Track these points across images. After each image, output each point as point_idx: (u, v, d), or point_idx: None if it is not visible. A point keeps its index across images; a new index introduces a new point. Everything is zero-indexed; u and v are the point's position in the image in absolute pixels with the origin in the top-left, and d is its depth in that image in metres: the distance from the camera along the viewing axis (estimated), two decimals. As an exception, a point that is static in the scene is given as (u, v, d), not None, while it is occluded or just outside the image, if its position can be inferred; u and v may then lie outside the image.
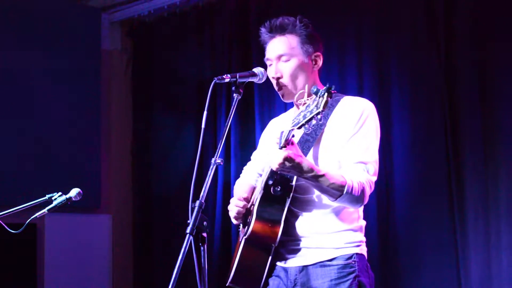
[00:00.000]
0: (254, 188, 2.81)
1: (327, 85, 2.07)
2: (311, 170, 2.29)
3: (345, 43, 4.64)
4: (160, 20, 5.85)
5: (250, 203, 2.65)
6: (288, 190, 2.45)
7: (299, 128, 2.16)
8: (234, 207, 2.59)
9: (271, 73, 2.58)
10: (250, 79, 2.53)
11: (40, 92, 5.36)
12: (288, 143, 2.25)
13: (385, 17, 4.50)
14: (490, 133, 4.01)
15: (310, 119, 2.12)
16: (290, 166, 2.25)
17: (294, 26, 2.59)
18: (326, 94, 2.07)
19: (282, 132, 2.27)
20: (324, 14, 4.75)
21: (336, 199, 2.38)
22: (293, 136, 2.26)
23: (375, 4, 4.55)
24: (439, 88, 4.19)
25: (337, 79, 4.59)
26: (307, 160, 2.31)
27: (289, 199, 2.46)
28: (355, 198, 2.40)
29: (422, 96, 4.30)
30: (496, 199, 3.95)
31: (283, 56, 2.56)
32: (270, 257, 2.51)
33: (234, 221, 2.64)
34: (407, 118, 4.32)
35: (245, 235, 2.49)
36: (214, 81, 2.42)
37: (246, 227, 2.54)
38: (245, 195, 2.64)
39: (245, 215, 2.60)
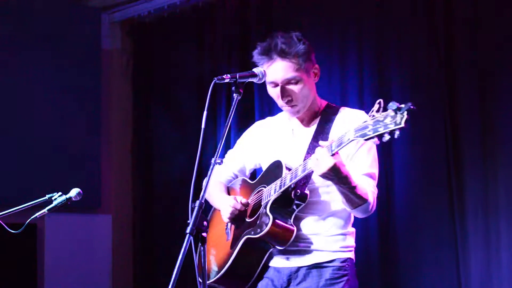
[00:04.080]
0: (228, 188, 2.84)
1: (409, 104, 2.04)
2: (349, 181, 2.36)
3: (345, 43, 4.64)
4: (160, 20, 5.84)
5: (250, 204, 2.65)
6: (304, 197, 2.50)
7: (366, 140, 2.16)
8: (229, 207, 2.59)
9: (279, 95, 2.56)
10: (250, 79, 2.52)
11: (40, 92, 5.35)
12: (338, 151, 2.28)
13: (385, 17, 4.50)
14: (490, 133, 4.01)
15: (383, 134, 2.10)
16: (334, 174, 2.30)
17: (295, 48, 2.55)
18: (406, 112, 2.05)
19: (337, 138, 2.27)
20: (324, 14, 4.75)
21: (354, 208, 2.46)
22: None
23: (376, 4, 4.55)
24: (439, 88, 4.19)
25: (338, 79, 4.59)
26: (347, 171, 2.36)
27: (302, 205, 2.50)
28: (368, 210, 2.50)
29: (422, 96, 4.29)
30: (496, 199, 3.95)
31: (291, 80, 2.55)
32: (264, 259, 2.55)
33: (226, 220, 2.64)
34: (407, 118, 4.31)
35: (251, 234, 2.50)
36: (214, 81, 2.42)
37: (249, 227, 2.54)
38: (241, 197, 2.64)
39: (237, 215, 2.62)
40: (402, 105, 2.05)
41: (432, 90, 4.23)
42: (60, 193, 2.91)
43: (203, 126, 2.33)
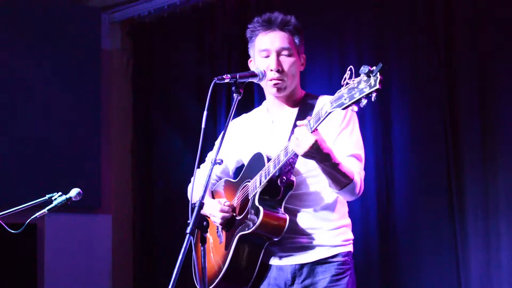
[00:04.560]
0: (212, 192, 2.82)
1: (381, 64, 2.01)
2: (331, 157, 2.32)
3: (345, 42, 4.64)
4: (160, 20, 5.85)
5: (236, 203, 2.64)
6: (291, 183, 2.48)
7: (344, 109, 2.13)
8: (219, 213, 2.57)
9: (271, 64, 2.57)
10: (250, 79, 2.52)
11: (40, 92, 5.36)
12: (317, 127, 2.25)
13: (385, 17, 4.50)
14: (490, 133, 4.01)
15: (360, 99, 2.07)
16: (316, 151, 2.26)
17: (294, 26, 2.61)
18: (378, 73, 2.02)
19: (312, 115, 2.26)
20: (324, 14, 4.75)
21: (341, 189, 2.41)
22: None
23: (375, 3, 4.55)
24: (439, 88, 4.19)
25: (338, 79, 4.58)
26: (329, 147, 2.33)
27: (290, 192, 2.47)
28: (356, 190, 2.44)
29: (422, 96, 4.30)
30: (495, 200, 3.95)
31: (285, 50, 2.58)
32: (261, 255, 2.51)
33: (219, 225, 2.63)
34: (407, 118, 4.33)
35: (243, 230, 2.48)
36: (214, 81, 2.41)
37: (240, 225, 2.53)
38: (224, 200, 2.63)
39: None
40: (374, 67, 2.02)
41: (432, 90, 4.23)
42: (60, 193, 2.91)
43: (203, 126, 2.32)
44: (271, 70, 2.56)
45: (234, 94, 2.43)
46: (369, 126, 4.36)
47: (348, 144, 2.50)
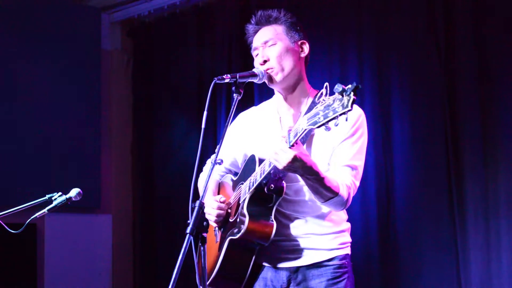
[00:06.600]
0: (219, 184, 2.81)
1: (354, 84, 1.97)
2: (315, 172, 2.30)
3: (345, 43, 4.64)
4: (160, 20, 5.85)
5: (232, 203, 2.63)
6: (280, 190, 2.46)
7: (318, 127, 2.10)
8: (213, 210, 2.55)
9: (259, 59, 2.57)
10: (250, 79, 2.52)
11: (40, 92, 5.36)
12: (296, 142, 2.23)
13: (386, 17, 4.50)
14: (490, 134, 4.01)
15: (333, 119, 2.04)
16: (297, 166, 2.24)
17: (278, 16, 2.62)
18: (352, 93, 1.98)
19: (290, 129, 2.25)
20: (325, 14, 4.75)
21: (325, 202, 2.40)
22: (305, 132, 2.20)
23: (376, 3, 4.55)
24: (439, 88, 4.19)
25: (338, 79, 4.59)
26: (312, 161, 2.31)
27: (280, 198, 2.46)
28: (342, 203, 2.42)
29: (422, 96, 4.30)
30: (496, 199, 3.95)
31: (268, 41, 2.58)
32: (253, 258, 2.51)
33: (214, 224, 2.61)
34: (407, 118, 4.33)
35: (232, 235, 2.47)
36: (214, 81, 2.40)
37: (231, 228, 2.53)
38: (220, 196, 2.62)
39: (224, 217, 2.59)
40: (349, 86, 1.99)
41: (432, 90, 4.23)
42: (60, 193, 2.91)
43: (203, 126, 2.31)
44: (260, 65, 2.57)
45: (234, 94, 2.43)
46: (369, 126, 4.33)
47: (347, 154, 2.48)
